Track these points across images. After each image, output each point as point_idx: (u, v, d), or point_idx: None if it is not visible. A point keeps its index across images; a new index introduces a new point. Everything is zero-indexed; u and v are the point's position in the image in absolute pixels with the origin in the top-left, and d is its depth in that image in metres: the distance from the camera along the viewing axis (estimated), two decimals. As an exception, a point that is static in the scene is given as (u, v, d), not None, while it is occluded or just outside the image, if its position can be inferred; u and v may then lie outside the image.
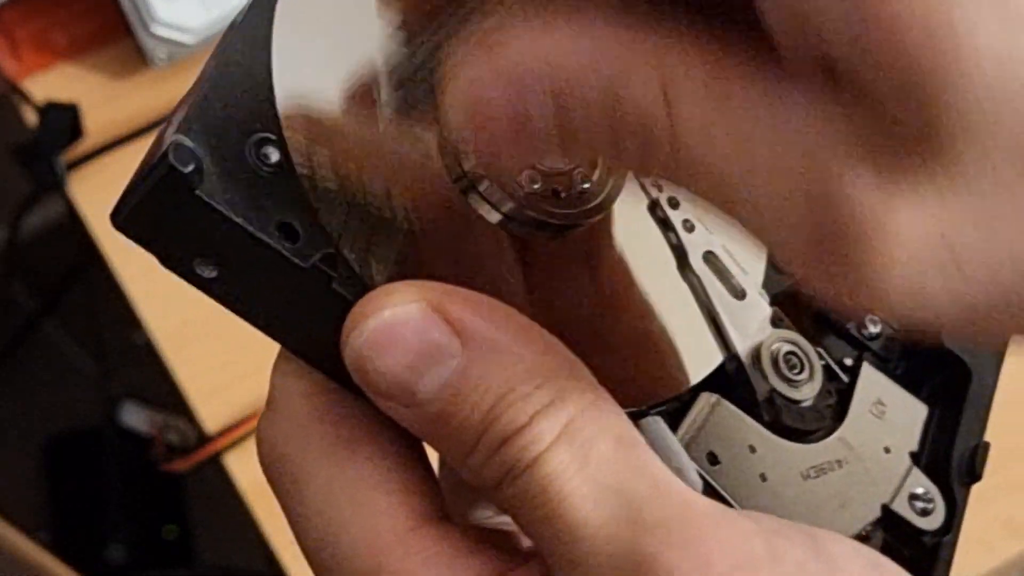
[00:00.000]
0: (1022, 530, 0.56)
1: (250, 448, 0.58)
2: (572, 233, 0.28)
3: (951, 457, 0.31)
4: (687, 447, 0.28)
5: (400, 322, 0.23)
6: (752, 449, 0.29)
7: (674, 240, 0.29)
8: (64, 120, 0.65)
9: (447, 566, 0.23)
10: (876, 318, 0.32)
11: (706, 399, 0.29)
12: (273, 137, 0.25)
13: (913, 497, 0.30)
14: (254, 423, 0.58)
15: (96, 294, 0.71)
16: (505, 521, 0.25)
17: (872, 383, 0.31)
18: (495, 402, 0.23)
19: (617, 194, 0.28)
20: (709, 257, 0.30)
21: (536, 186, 0.27)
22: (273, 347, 0.57)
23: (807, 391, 0.30)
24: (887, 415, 0.31)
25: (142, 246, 0.26)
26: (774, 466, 0.29)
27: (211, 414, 0.59)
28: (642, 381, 0.28)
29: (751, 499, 0.28)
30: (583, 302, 0.28)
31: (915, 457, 0.31)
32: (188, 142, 0.24)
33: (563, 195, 0.27)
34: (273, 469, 0.26)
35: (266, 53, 0.25)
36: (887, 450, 0.31)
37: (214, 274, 0.27)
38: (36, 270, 0.98)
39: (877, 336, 0.32)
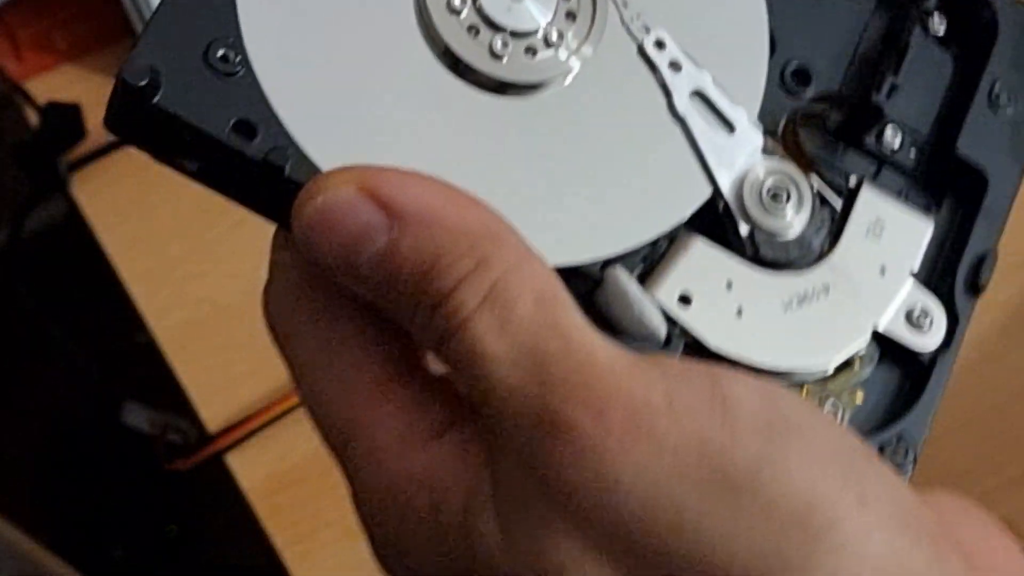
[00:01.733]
0: (1021, 528, 0.56)
1: (252, 448, 0.58)
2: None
3: (956, 270, 0.31)
4: (659, 289, 0.29)
5: (334, 206, 0.25)
6: (729, 285, 0.29)
7: (661, 81, 0.30)
8: (66, 120, 0.66)
9: (410, 414, 0.26)
10: (896, 127, 0.32)
11: (682, 239, 0.30)
12: (231, 40, 0.27)
13: (910, 317, 0.30)
14: (256, 423, 0.58)
15: (98, 294, 0.71)
16: None
17: (871, 203, 0.31)
18: (425, 271, 0.25)
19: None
20: (697, 95, 0.30)
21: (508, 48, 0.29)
22: (272, 347, 0.57)
23: (793, 222, 0.30)
24: (885, 235, 0.31)
25: (134, 145, 0.28)
26: (752, 300, 0.29)
27: (213, 414, 0.59)
28: (620, 225, 0.29)
29: (724, 337, 0.29)
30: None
31: (916, 276, 0.31)
32: (142, 58, 0.27)
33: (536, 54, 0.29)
34: (272, 329, 0.29)
35: None
36: (883, 271, 0.30)
37: (195, 167, 0.29)
38: (38, 270, 0.98)
39: (899, 148, 0.32)
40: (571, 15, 0.30)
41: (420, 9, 0.29)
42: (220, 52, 0.27)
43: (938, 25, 0.33)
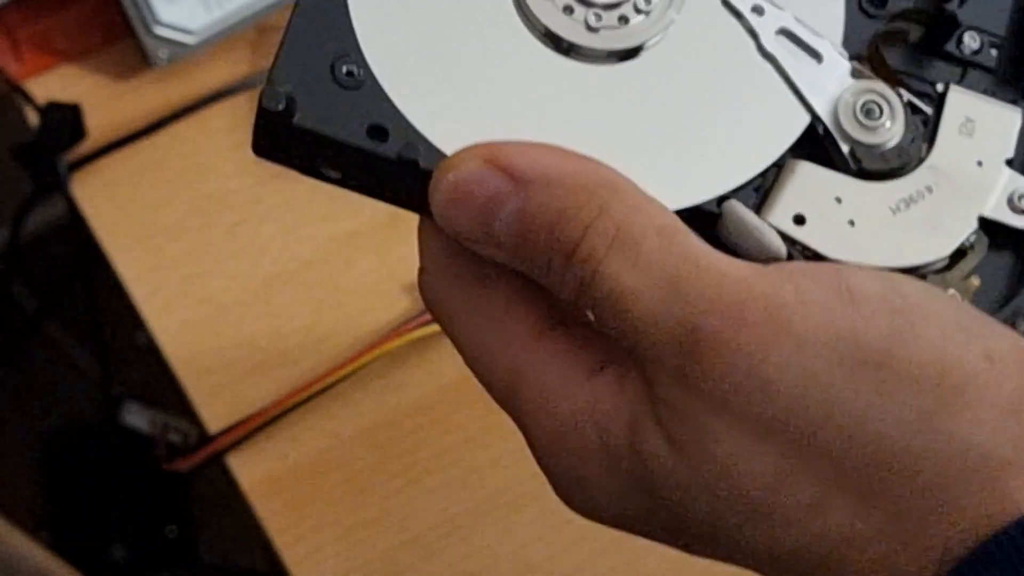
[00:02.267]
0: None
1: (252, 448, 0.59)
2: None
3: None
4: (774, 214, 0.32)
5: (465, 180, 0.29)
6: (838, 200, 0.32)
7: (747, 26, 0.33)
8: (66, 120, 0.65)
9: (568, 356, 0.29)
10: (974, 32, 0.34)
11: (789, 166, 0.33)
12: (353, 56, 0.31)
13: (1011, 201, 0.33)
14: (256, 423, 0.58)
15: (98, 294, 0.71)
16: None
17: (960, 104, 0.34)
18: (553, 225, 0.28)
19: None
20: (782, 33, 0.33)
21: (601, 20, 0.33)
22: (273, 344, 0.57)
23: (889, 133, 0.33)
24: (977, 131, 0.33)
25: (281, 165, 0.34)
26: (861, 209, 0.32)
27: (213, 414, 0.59)
28: (730, 163, 0.32)
29: (841, 247, 0.32)
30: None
31: (1010, 163, 0.33)
32: (277, 85, 0.31)
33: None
34: (432, 311, 0.32)
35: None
36: (979, 164, 0.33)
37: (339, 175, 0.33)
38: (38, 270, 0.98)
39: (979, 50, 0.35)
40: None
41: (548, 31, 0.33)
42: (345, 68, 0.31)
43: None
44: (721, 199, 0.32)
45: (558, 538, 0.56)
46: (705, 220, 0.32)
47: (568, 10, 0.33)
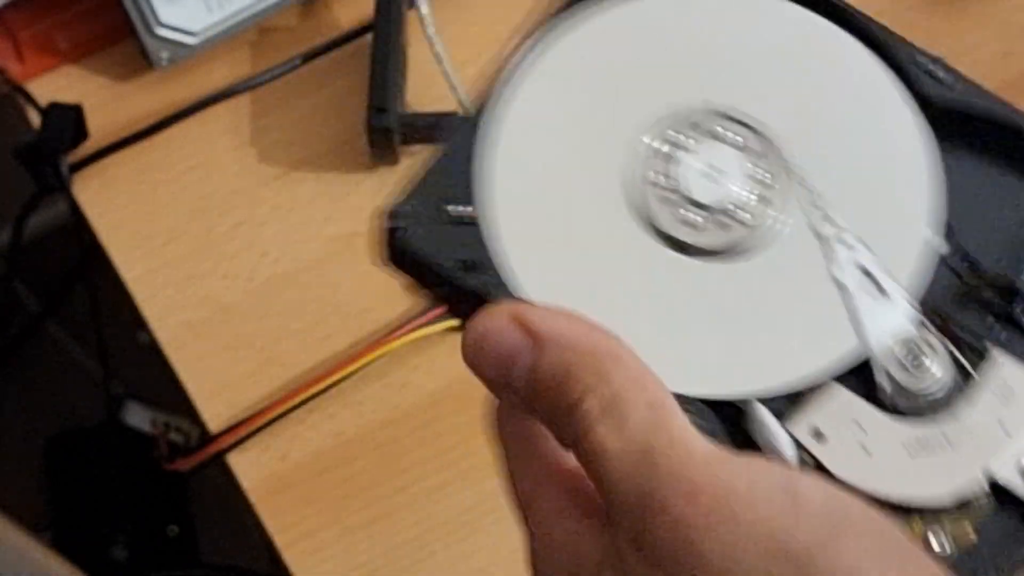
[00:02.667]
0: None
1: (253, 448, 0.59)
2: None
3: None
4: (796, 424, 0.34)
5: (491, 331, 0.33)
6: (860, 426, 0.34)
7: (827, 250, 0.35)
8: (68, 121, 0.66)
9: (566, 496, 0.33)
10: None
11: (826, 383, 0.34)
12: (468, 207, 0.36)
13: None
14: (257, 423, 0.58)
15: (99, 294, 0.71)
16: None
17: (1003, 368, 0.34)
18: (560, 383, 0.31)
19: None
20: (860, 268, 0.35)
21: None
22: (274, 344, 0.58)
23: (931, 382, 0.34)
24: (1013, 400, 0.34)
25: (406, 277, 0.38)
26: (879, 442, 0.34)
27: (214, 414, 0.60)
28: (773, 368, 0.34)
29: (850, 471, 0.33)
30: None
31: None
32: (400, 208, 0.37)
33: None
34: (491, 430, 0.35)
35: (474, 149, 0.37)
36: (1006, 431, 0.33)
37: (441, 291, 0.36)
38: (39, 271, 0.98)
39: None
40: (763, 197, 0.35)
41: (626, 187, 0.36)
42: (456, 209, 0.36)
43: None
44: (749, 398, 0.34)
45: (558, 538, 0.56)
46: (733, 408, 0.34)
47: (674, 205, 0.35)
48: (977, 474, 0.33)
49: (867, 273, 0.35)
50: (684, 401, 0.32)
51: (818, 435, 0.34)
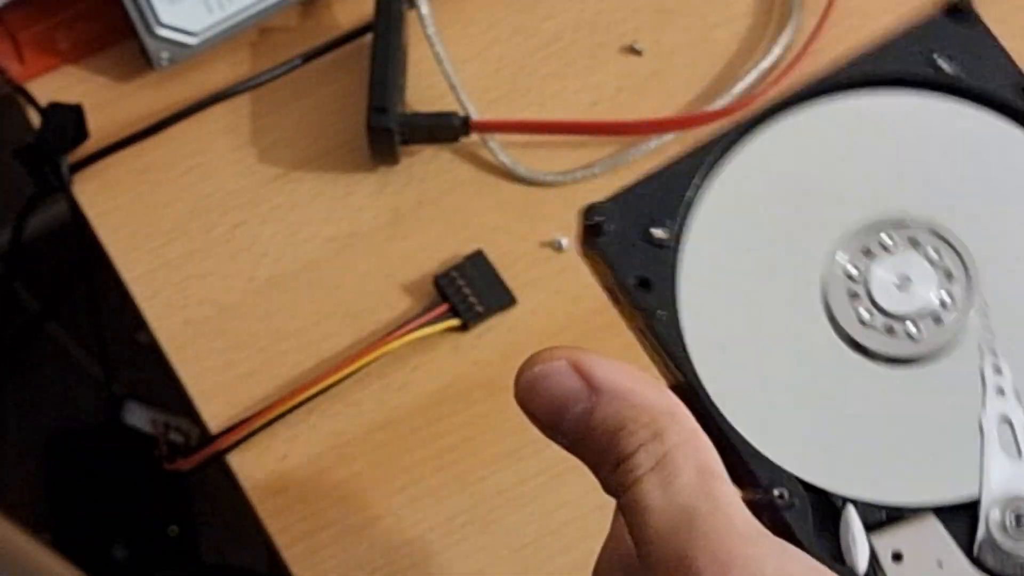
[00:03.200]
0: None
1: (253, 448, 0.59)
2: None
3: None
4: (881, 539, 0.34)
5: (548, 372, 0.33)
6: (940, 565, 0.34)
7: (982, 393, 0.35)
8: (68, 121, 0.66)
9: (613, 546, 0.36)
10: None
11: (928, 514, 0.34)
12: (666, 228, 0.37)
13: None
14: (257, 423, 0.58)
15: (100, 294, 0.71)
16: None
17: None
18: (612, 435, 0.32)
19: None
20: (1004, 420, 0.35)
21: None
22: (274, 344, 0.57)
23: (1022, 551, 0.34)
24: None
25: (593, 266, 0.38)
26: None
27: (214, 414, 0.60)
28: (890, 480, 0.35)
29: None
30: None
31: None
32: (600, 206, 0.37)
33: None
34: None
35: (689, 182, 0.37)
36: None
37: (611, 295, 0.38)
38: (40, 271, 0.98)
39: None
40: (940, 318, 0.36)
41: (826, 303, 0.36)
42: (652, 230, 0.37)
43: None
44: (854, 501, 0.34)
45: (558, 539, 0.56)
46: (831, 504, 0.35)
47: (867, 313, 0.36)
48: None
49: (1011, 428, 0.35)
50: (787, 480, 0.34)
51: (897, 558, 0.34)
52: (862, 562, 0.34)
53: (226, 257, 0.64)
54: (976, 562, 0.34)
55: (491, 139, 0.65)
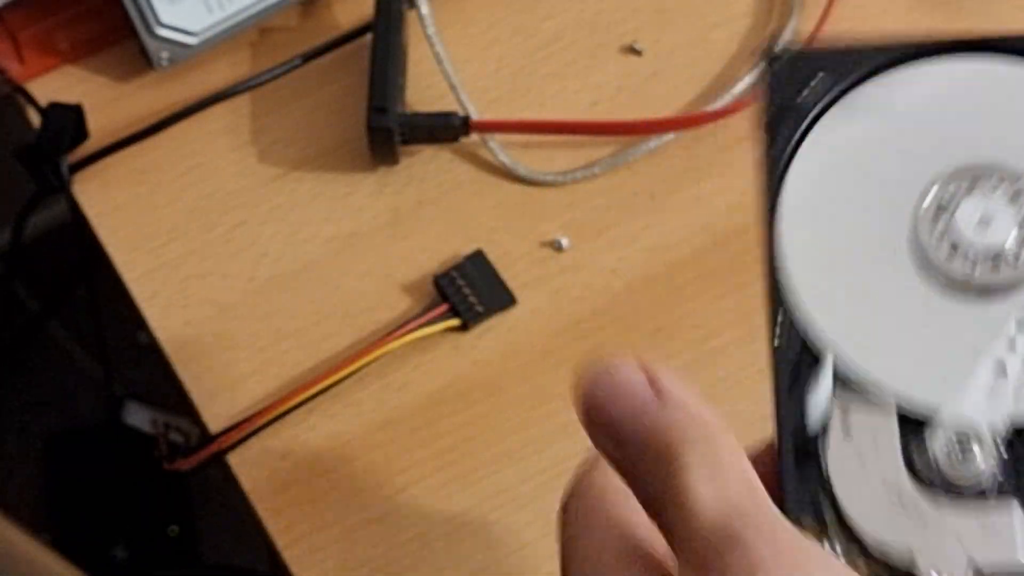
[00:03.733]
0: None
1: (253, 448, 0.59)
2: None
3: None
4: (840, 402, 0.35)
5: (620, 370, 0.34)
6: (877, 447, 0.35)
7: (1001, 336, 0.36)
8: (68, 121, 0.66)
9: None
10: None
11: (893, 401, 0.35)
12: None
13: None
14: (257, 423, 0.58)
15: (100, 295, 0.71)
16: None
17: (1014, 510, 0.34)
18: (667, 439, 0.32)
19: None
20: (1001, 364, 0.36)
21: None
22: (274, 344, 0.57)
23: (958, 475, 0.34)
24: (996, 539, 0.34)
25: None
26: (880, 472, 0.35)
27: (214, 414, 0.60)
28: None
29: (839, 470, 0.35)
30: None
31: None
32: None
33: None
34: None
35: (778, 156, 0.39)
36: (967, 552, 0.34)
37: None
38: (40, 271, 0.98)
39: None
40: (1002, 256, 0.36)
41: (913, 241, 0.37)
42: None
43: None
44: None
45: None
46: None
47: (951, 256, 0.37)
48: (919, 564, 0.34)
49: (1004, 374, 0.36)
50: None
51: (846, 425, 0.35)
52: (822, 399, 0.35)
53: (226, 257, 0.64)
54: (909, 465, 0.35)
55: (491, 139, 0.65)
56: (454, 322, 0.60)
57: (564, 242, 0.63)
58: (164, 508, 0.99)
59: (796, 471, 0.35)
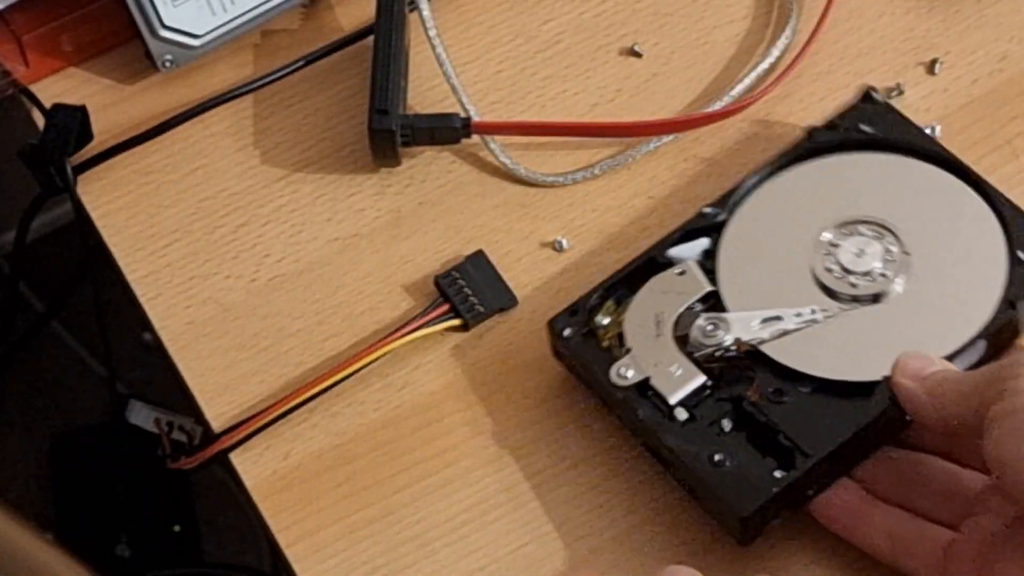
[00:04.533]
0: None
1: (256, 446, 0.59)
2: None
3: None
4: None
5: (921, 355, 0.50)
6: (658, 312, 0.56)
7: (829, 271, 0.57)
8: (72, 123, 0.66)
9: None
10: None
11: (690, 267, 0.58)
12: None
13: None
14: (259, 422, 0.59)
15: (103, 295, 0.72)
16: None
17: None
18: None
19: None
20: (777, 315, 0.55)
21: None
22: (276, 343, 0.58)
23: (700, 343, 0.54)
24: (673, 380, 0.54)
25: None
26: (664, 317, 0.56)
27: (217, 413, 0.60)
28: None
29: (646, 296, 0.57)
30: None
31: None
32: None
33: None
34: None
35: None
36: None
37: None
38: (44, 271, 0.98)
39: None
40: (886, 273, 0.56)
41: (812, 271, 0.56)
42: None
43: None
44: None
45: (558, 538, 0.56)
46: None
47: (832, 272, 0.56)
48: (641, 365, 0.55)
49: (778, 320, 0.54)
50: None
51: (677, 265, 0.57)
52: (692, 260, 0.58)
53: (229, 258, 0.64)
54: (675, 325, 0.55)
55: (492, 140, 0.65)
56: (455, 322, 0.61)
57: (564, 242, 0.63)
58: (167, 506, 0.99)
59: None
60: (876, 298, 0.54)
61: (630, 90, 0.68)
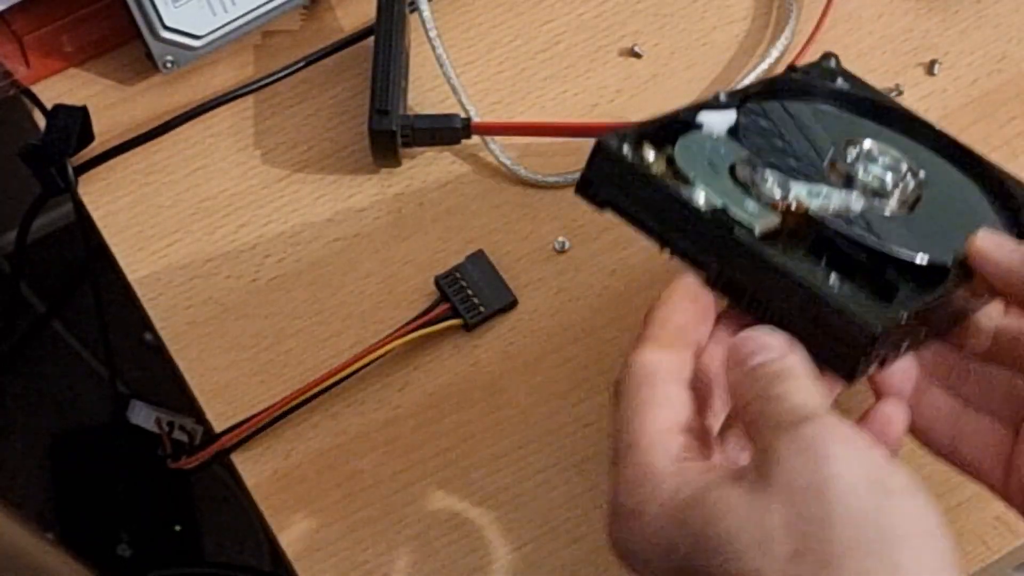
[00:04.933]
0: (1014, 526, 0.56)
1: (256, 446, 0.59)
2: None
3: None
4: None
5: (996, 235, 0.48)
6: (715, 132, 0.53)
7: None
8: (73, 123, 0.66)
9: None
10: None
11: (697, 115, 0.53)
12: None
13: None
14: (260, 422, 0.59)
15: (104, 295, 0.72)
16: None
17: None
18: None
19: None
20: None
21: None
22: (277, 343, 0.58)
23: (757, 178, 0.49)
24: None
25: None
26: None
27: (217, 413, 0.60)
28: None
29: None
30: None
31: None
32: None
33: None
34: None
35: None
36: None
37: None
38: (45, 271, 0.98)
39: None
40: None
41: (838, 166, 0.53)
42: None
43: None
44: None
45: (557, 537, 0.56)
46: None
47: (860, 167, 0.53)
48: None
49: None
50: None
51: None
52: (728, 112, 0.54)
53: (230, 258, 0.64)
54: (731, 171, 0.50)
55: (492, 141, 0.66)
56: (455, 322, 0.61)
57: (565, 243, 0.64)
58: (168, 506, 0.99)
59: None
60: (912, 205, 0.51)
61: (630, 90, 0.68)
